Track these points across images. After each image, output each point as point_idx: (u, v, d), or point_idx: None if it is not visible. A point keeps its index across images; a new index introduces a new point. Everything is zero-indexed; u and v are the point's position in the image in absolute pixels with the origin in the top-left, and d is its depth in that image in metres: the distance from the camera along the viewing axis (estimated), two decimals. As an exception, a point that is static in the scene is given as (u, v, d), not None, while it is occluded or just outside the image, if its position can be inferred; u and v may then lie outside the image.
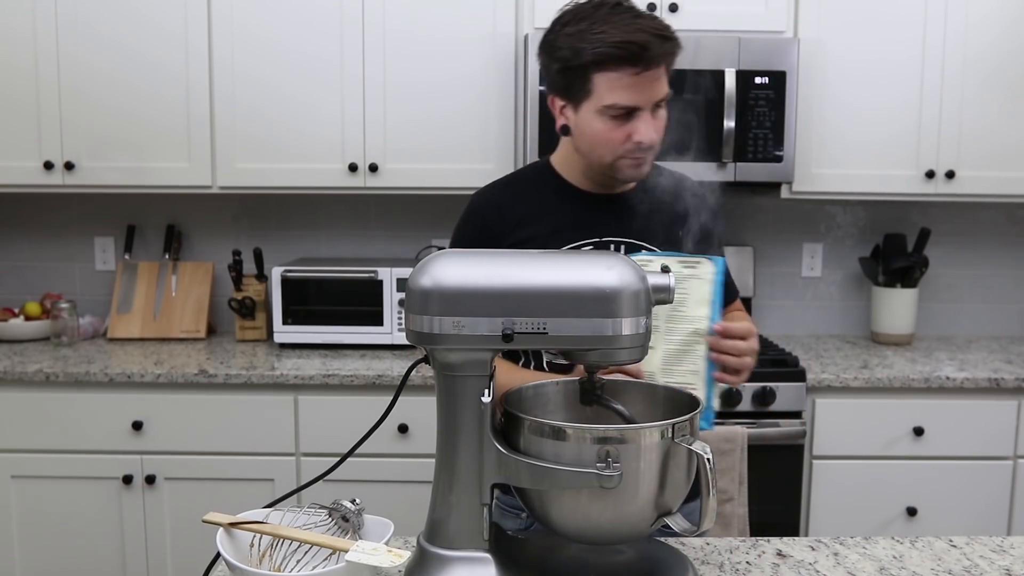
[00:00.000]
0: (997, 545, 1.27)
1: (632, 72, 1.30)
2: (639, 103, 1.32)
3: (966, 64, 2.64)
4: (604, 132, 1.36)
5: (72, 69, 2.62)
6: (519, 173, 1.57)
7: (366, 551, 1.01)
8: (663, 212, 1.50)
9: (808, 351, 2.77)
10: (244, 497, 2.42)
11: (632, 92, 1.31)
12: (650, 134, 1.35)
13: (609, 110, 1.33)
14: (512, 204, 1.49)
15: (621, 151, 1.37)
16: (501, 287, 1.01)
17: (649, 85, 1.32)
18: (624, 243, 1.46)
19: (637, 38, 1.28)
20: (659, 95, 1.34)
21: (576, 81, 1.34)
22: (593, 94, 1.33)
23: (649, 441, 1.01)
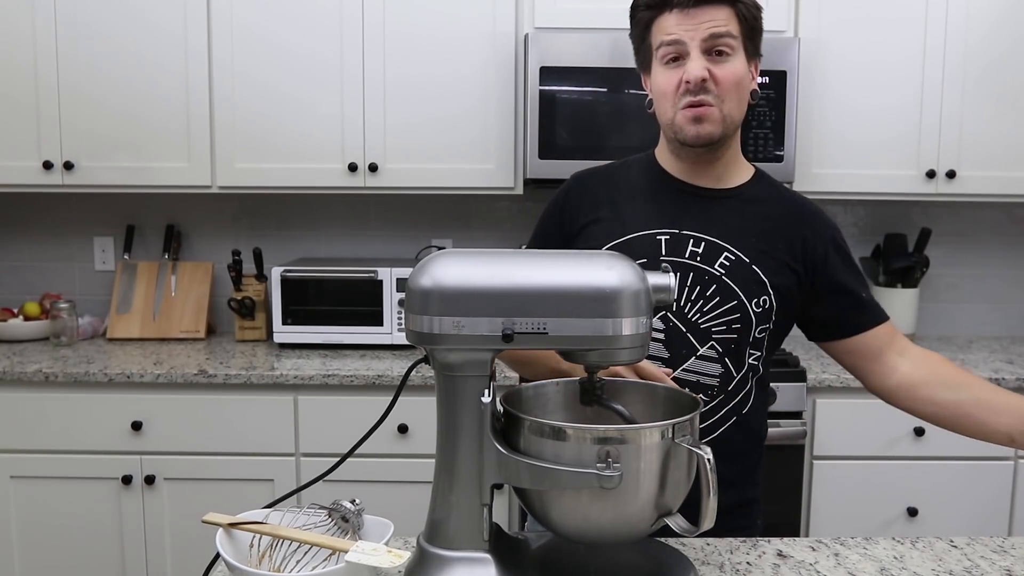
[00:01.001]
0: (998, 546, 1.27)
1: (673, 10, 1.31)
2: (684, 37, 1.31)
3: (967, 64, 2.64)
4: (662, 80, 1.35)
5: (71, 69, 2.62)
6: (623, 160, 1.53)
7: (366, 551, 1.01)
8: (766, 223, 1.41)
9: (809, 351, 2.77)
10: (244, 497, 2.42)
11: (679, 27, 1.31)
12: (695, 71, 1.30)
13: (662, 54, 1.34)
14: (604, 182, 1.47)
15: (677, 101, 1.33)
16: (501, 287, 1.01)
17: (697, 22, 1.30)
18: (704, 240, 1.38)
19: None
20: (706, 31, 1.30)
21: (642, 41, 1.38)
22: (653, 47, 1.35)
23: (649, 441, 1.00)
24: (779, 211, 1.43)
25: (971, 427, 1.37)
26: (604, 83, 2.53)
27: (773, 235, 1.39)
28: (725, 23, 1.31)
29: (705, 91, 1.31)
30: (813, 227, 1.42)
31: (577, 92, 2.54)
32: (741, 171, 1.44)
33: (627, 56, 2.52)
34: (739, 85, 1.33)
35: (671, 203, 1.41)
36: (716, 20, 1.30)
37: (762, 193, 1.44)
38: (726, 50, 1.32)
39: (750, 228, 1.39)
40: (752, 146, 2.55)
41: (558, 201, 1.49)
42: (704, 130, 1.33)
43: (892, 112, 2.66)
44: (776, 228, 1.40)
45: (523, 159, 2.60)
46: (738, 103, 1.35)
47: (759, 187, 1.44)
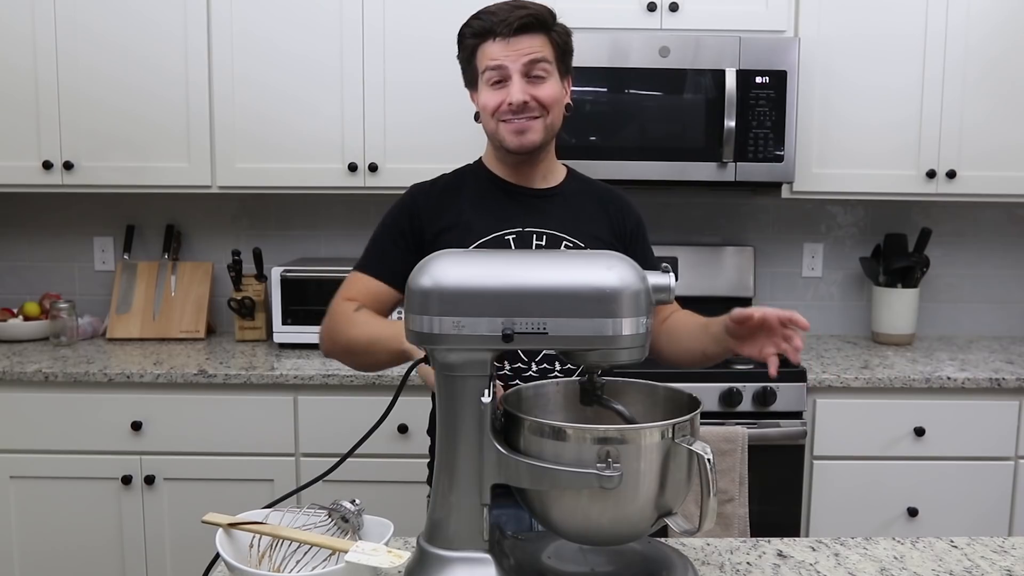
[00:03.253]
0: (998, 546, 1.27)
1: (496, 39, 1.47)
2: (506, 63, 1.47)
3: (967, 63, 2.64)
4: (486, 99, 1.52)
5: (71, 69, 2.61)
6: (456, 171, 1.68)
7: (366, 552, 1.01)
8: (587, 212, 1.61)
9: (809, 351, 2.77)
10: (243, 497, 2.42)
11: (500, 54, 1.48)
12: (516, 94, 1.47)
13: (487, 77, 1.50)
14: (442, 194, 1.61)
15: (500, 116, 1.51)
16: (501, 287, 1.01)
17: (516, 49, 1.47)
18: (546, 234, 1.55)
19: (496, 14, 1.48)
20: (525, 58, 1.47)
21: (468, 64, 1.55)
22: (478, 69, 1.52)
23: (649, 441, 1.00)
24: (595, 199, 1.65)
25: (686, 358, 1.57)
26: (604, 83, 2.53)
27: (596, 220, 1.61)
28: (540, 49, 1.49)
29: (527, 109, 1.49)
30: (621, 208, 1.66)
31: (577, 92, 2.53)
32: (558, 171, 1.66)
33: (627, 56, 2.53)
34: (557, 101, 1.53)
35: (510, 205, 1.58)
36: (533, 47, 1.48)
37: (579, 187, 1.66)
38: (542, 74, 1.50)
39: (578, 217, 1.59)
40: (752, 146, 2.55)
41: (405, 212, 1.61)
42: (527, 140, 1.52)
43: (892, 112, 2.66)
44: (596, 213, 1.62)
45: (523, 159, 2.60)
46: (557, 116, 1.55)
47: (575, 183, 1.66)
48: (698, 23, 2.60)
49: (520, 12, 1.48)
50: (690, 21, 2.60)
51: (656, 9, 2.59)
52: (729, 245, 2.98)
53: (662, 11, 2.60)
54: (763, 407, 2.38)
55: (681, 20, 2.60)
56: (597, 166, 2.51)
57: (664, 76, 2.53)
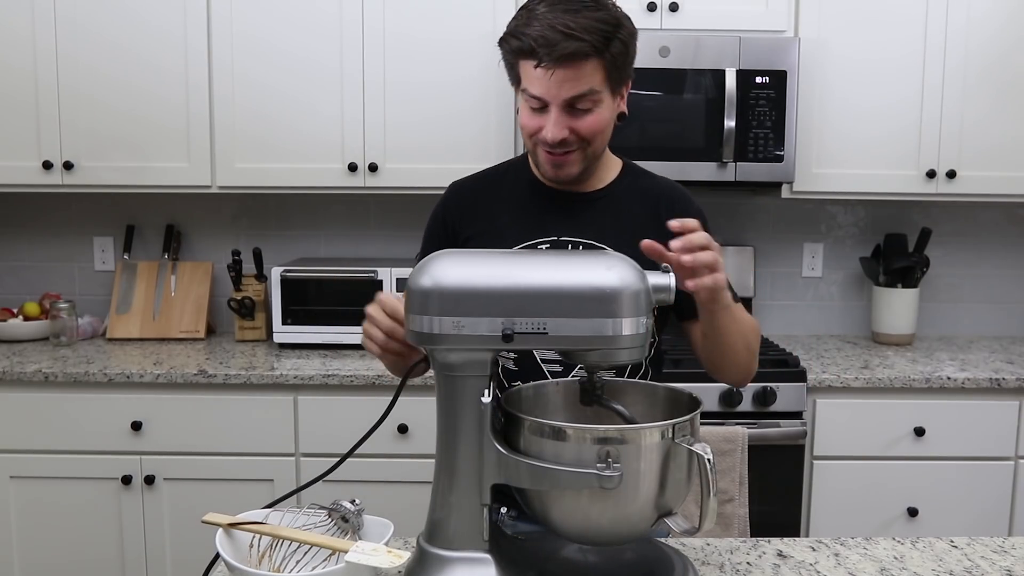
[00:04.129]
0: (998, 546, 1.27)
1: (538, 66, 1.28)
2: (546, 97, 1.30)
3: (967, 63, 2.64)
4: (524, 117, 1.37)
5: (71, 69, 2.61)
6: (500, 165, 1.56)
7: (366, 552, 1.01)
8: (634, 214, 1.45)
9: (809, 351, 2.77)
10: (243, 497, 2.42)
11: (541, 85, 1.30)
12: (553, 132, 1.31)
13: (526, 97, 1.34)
14: (480, 194, 1.50)
15: (536, 140, 1.36)
16: (501, 287, 1.01)
17: (559, 82, 1.28)
18: (582, 244, 1.43)
19: (542, 35, 1.26)
20: (569, 93, 1.29)
21: (511, 67, 1.37)
22: (521, 79, 1.34)
23: (649, 441, 1.00)
24: (648, 201, 1.47)
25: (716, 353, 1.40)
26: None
27: (646, 226, 1.37)
28: (588, 80, 1.29)
29: (565, 144, 1.34)
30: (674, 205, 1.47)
31: (577, 92, 2.54)
32: (610, 169, 1.48)
33: (627, 56, 2.53)
34: (601, 132, 1.36)
35: (546, 211, 1.44)
36: (579, 80, 1.28)
37: (631, 186, 1.48)
38: (588, 106, 1.32)
39: (623, 224, 1.42)
40: (752, 146, 2.55)
41: (438, 215, 1.52)
42: (563, 173, 1.38)
43: (892, 112, 2.66)
44: (647, 219, 1.44)
45: (523, 159, 2.60)
46: (603, 141, 1.39)
47: (627, 181, 1.49)
48: (698, 23, 2.60)
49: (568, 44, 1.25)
50: (690, 21, 2.60)
51: (656, 9, 2.59)
52: (729, 245, 2.98)
53: (662, 11, 2.60)
54: (763, 407, 2.38)
55: (681, 20, 2.60)
56: (597, 166, 2.51)
57: (664, 76, 2.53)
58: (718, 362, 1.41)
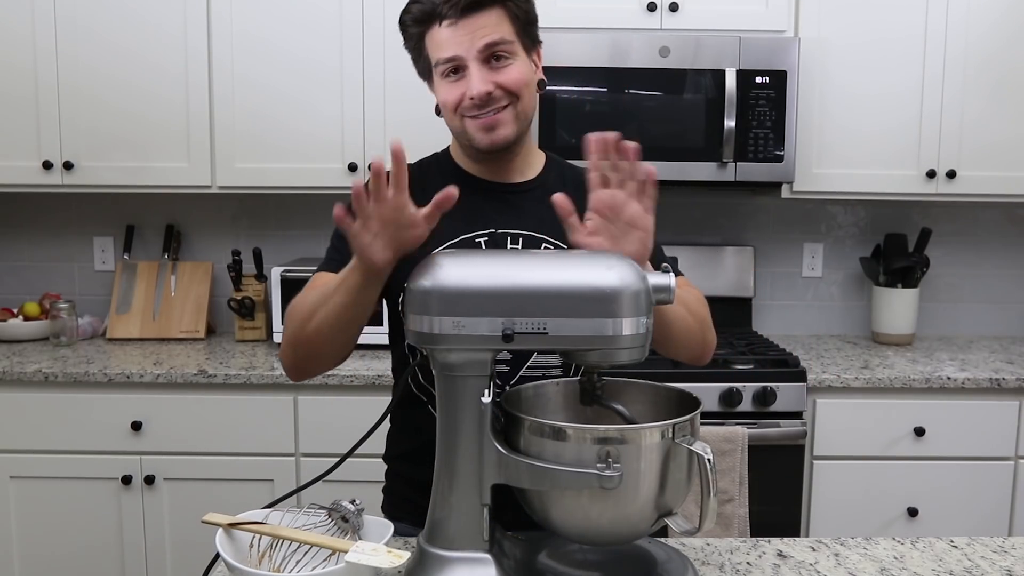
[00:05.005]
0: (998, 546, 1.27)
1: (443, 24, 1.25)
2: (459, 52, 1.27)
3: (967, 64, 2.64)
4: (444, 95, 1.32)
5: (71, 69, 2.61)
6: (419, 162, 1.49)
7: (366, 552, 1.01)
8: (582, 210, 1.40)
9: (809, 351, 2.77)
10: (243, 497, 2.42)
11: (451, 43, 1.26)
12: (478, 86, 1.26)
13: (440, 70, 1.29)
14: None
15: (462, 113, 1.31)
16: (501, 287, 1.01)
17: (469, 33, 1.25)
18: (521, 236, 1.38)
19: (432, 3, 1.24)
20: (480, 42, 1.26)
21: (419, 53, 1.33)
22: (431, 61, 1.31)
23: (649, 441, 1.00)
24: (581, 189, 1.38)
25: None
26: (604, 83, 2.53)
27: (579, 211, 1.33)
28: (497, 28, 1.27)
29: (492, 101, 1.29)
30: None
31: (577, 92, 2.54)
32: (537, 160, 1.45)
33: (627, 56, 2.53)
34: (527, 84, 1.31)
35: (480, 204, 1.38)
36: (487, 27, 1.26)
37: (560, 176, 1.44)
38: (504, 55, 1.28)
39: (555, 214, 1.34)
40: (752, 146, 2.55)
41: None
42: (499, 136, 1.32)
43: (892, 111, 2.66)
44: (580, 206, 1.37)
45: (523, 159, 2.60)
46: (530, 99, 1.34)
47: (555, 171, 1.45)
48: (698, 23, 2.60)
49: None
50: (690, 21, 2.60)
51: (656, 9, 2.59)
52: (729, 245, 2.98)
53: (662, 11, 2.60)
54: (763, 407, 2.38)
55: (681, 20, 2.60)
56: (597, 166, 2.51)
57: (664, 76, 2.53)
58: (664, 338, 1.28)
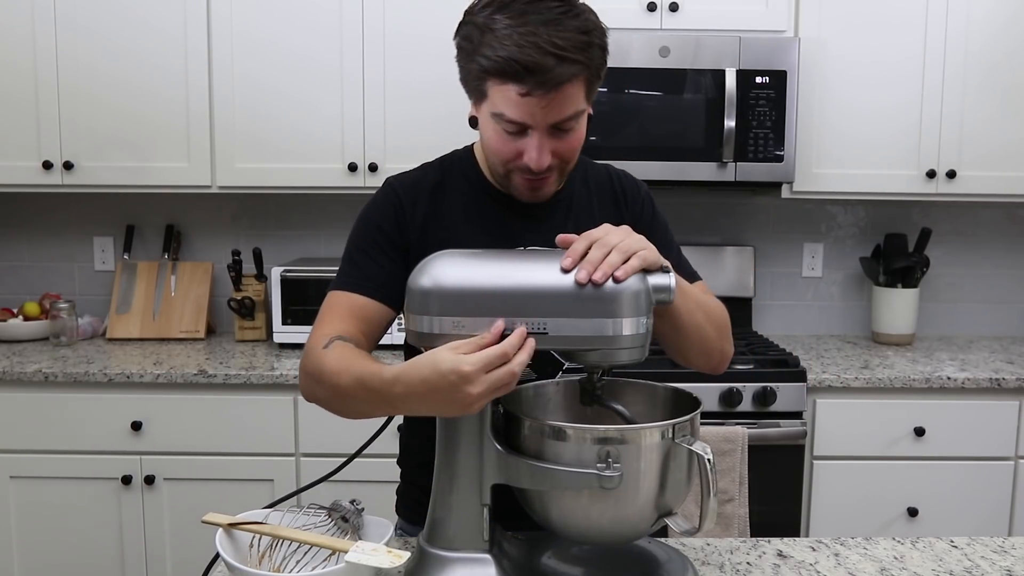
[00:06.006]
0: (998, 546, 1.27)
1: (526, 95, 1.13)
2: (529, 122, 1.17)
3: (967, 63, 2.64)
4: (496, 141, 1.22)
5: (71, 69, 2.61)
6: (441, 162, 1.39)
7: (366, 552, 1.01)
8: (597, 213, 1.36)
9: (809, 351, 2.77)
10: (244, 497, 2.42)
11: (522, 109, 1.15)
12: (539, 159, 1.18)
13: (499, 120, 1.19)
14: (429, 194, 1.33)
15: (512, 167, 1.23)
16: (501, 287, 1.01)
17: (544, 105, 1.14)
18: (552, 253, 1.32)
19: (527, 57, 1.10)
20: (556, 117, 1.16)
21: (472, 80, 1.21)
22: (488, 97, 1.19)
23: (649, 441, 1.00)
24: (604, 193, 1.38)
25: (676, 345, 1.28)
26: (604, 83, 2.53)
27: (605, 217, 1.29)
28: (574, 101, 1.17)
29: (548, 170, 1.21)
30: (628, 194, 1.40)
31: (577, 92, 2.53)
32: None
33: (627, 56, 2.53)
34: (582, 143, 1.25)
35: (503, 218, 1.32)
36: (566, 102, 1.16)
37: (583, 180, 1.38)
38: (572, 126, 1.20)
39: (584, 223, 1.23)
40: (752, 146, 2.55)
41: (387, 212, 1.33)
42: (542, 196, 1.27)
43: (892, 112, 2.66)
44: (609, 212, 1.36)
45: (523, 159, 2.60)
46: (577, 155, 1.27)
47: (580, 176, 1.38)
48: (698, 23, 2.60)
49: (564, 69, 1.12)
50: (690, 21, 2.60)
51: (656, 9, 2.59)
52: (729, 245, 2.98)
53: (662, 11, 2.60)
54: (763, 407, 2.38)
55: (681, 20, 2.60)
56: (597, 166, 2.51)
57: (664, 76, 2.53)
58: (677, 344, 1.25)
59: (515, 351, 0.98)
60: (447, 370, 0.95)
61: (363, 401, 1.11)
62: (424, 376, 0.98)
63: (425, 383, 0.98)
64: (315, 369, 1.19)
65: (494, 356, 0.96)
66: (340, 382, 1.13)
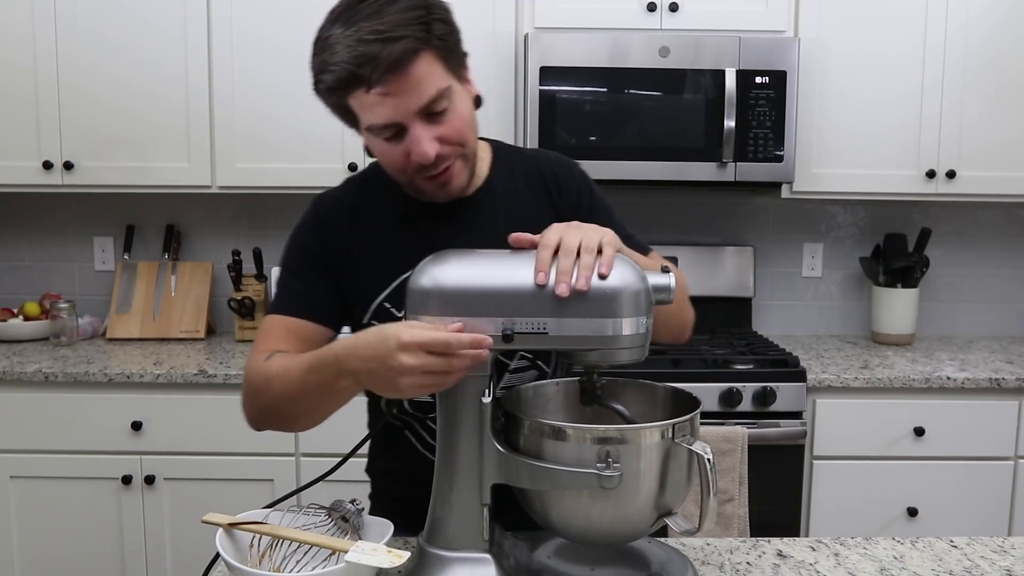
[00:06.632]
0: (998, 546, 1.27)
1: (370, 90, 1.10)
2: (397, 118, 1.13)
3: (967, 63, 2.64)
4: (385, 155, 1.19)
5: (71, 69, 2.61)
6: (361, 177, 1.36)
7: (366, 552, 1.01)
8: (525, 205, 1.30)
9: (808, 351, 2.77)
10: (244, 497, 2.42)
11: (382, 109, 1.12)
12: (424, 150, 1.14)
13: (375, 132, 1.16)
14: (353, 211, 1.30)
15: (411, 173, 1.19)
16: (501, 287, 1.01)
17: (398, 94, 1.10)
18: None
19: (355, 54, 1.09)
20: (419, 102, 1.12)
21: (333, 108, 1.19)
22: (356, 116, 1.17)
23: (649, 441, 1.00)
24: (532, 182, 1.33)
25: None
26: (604, 83, 2.53)
27: (541, 212, 1.29)
28: (430, 79, 1.12)
29: (441, 159, 1.17)
30: (559, 180, 1.33)
31: (577, 92, 2.54)
32: (482, 161, 1.31)
33: (627, 56, 2.53)
34: (470, 126, 1.20)
35: (431, 224, 1.27)
36: (420, 83, 1.11)
37: (509, 172, 1.33)
38: (444, 105, 1.14)
39: (513, 218, 1.24)
40: (752, 146, 2.55)
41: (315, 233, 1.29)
42: (454, 189, 1.22)
43: (892, 112, 2.66)
44: (537, 202, 1.31)
45: (523, 159, 2.60)
46: (474, 136, 1.22)
47: (502, 167, 1.32)
48: (698, 23, 2.60)
49: (390, 48, 1.08)
50: (690, 21, 2.60)
51: (656, 9, 2.59)
52: (729, 245, 2.98)
53: (662, 11, 2.60)
54: (763, 407, 2.38)
55: (681, 20, 2.60)
56: (597, 166, 2.51)
57: (664, 76, 2.53)
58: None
59: (461, 348, 0.97)
60: (389, 334, 0.98)
61: (313, 390, 1.10)
62: (369, 340, 1.00)
63: (368, 346, 1.00)
64: (260, 379, 1.18)
65: (436, 340, 0.97)
66: (289, 377, 1.13)
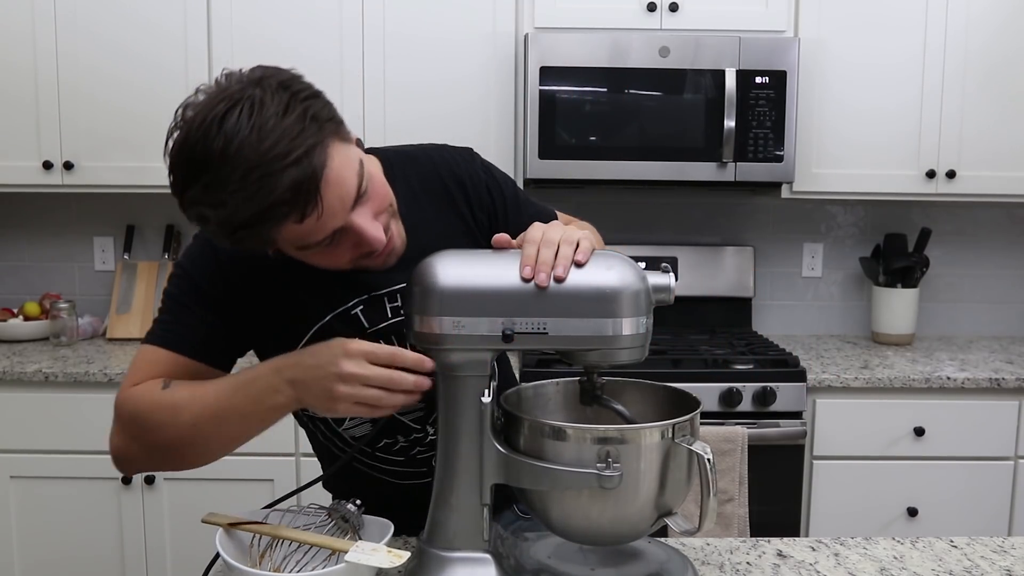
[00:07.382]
0: (998, 546, 1.27)
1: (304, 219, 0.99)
2: (337, 224, 1.03)
3: (967, 63, 2.64)
4: (325, 259, 1.09)
5: (71, 69, 2.61)
6: None
7: (366, 552, 1.01)
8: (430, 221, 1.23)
9: (808, 351, 2.77)
10: (244, 497, 2.42)
11: (317, 226, 1.01)
12: (377, 236, 1.07)
13: (311, 248, 1.05)
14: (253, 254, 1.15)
15: (358, 261, 1.10)
16: (501, 287, 1.01)
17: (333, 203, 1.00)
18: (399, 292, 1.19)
19: (269, 197, 0.96)
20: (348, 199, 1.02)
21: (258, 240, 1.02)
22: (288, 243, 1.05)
23: (649, 441, 1.00)
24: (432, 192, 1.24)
25: None
26: (604, 83, 2.53)
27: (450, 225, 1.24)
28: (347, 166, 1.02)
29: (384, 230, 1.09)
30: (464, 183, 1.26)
31: (577, 92, 2.54)
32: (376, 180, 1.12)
33: (627, 56, 2.53)
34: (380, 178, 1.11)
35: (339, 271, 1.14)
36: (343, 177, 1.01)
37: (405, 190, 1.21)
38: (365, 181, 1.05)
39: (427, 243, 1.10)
40: (752, 146, 2.55)
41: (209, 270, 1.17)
42: (392, 260, 1.14)
43: (892, 112, 2.66)
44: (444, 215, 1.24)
45: (523, 159, 2.60)
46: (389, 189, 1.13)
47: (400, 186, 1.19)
48: (698, 23, 2.60)
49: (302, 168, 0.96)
50: (690, 21, 2.60)
51: (656, 9, 2.59)
52: (729, 245, 2.98)
53: (662, 11, 2.60)
54: (763, 407, 2.38)
55: (681, 20, 2.60)
56: (597, 166, 2.51)
57: (664, 76, 2.53)
58: None
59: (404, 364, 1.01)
60: (336, 343, 1.01)
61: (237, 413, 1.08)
62: (315, 348, 1.02)
63: (313, 354, 1.02)
64: (161, 410, 1.10)
65: (382, 350, 1.00)
66: (205, 402, 1.08)
